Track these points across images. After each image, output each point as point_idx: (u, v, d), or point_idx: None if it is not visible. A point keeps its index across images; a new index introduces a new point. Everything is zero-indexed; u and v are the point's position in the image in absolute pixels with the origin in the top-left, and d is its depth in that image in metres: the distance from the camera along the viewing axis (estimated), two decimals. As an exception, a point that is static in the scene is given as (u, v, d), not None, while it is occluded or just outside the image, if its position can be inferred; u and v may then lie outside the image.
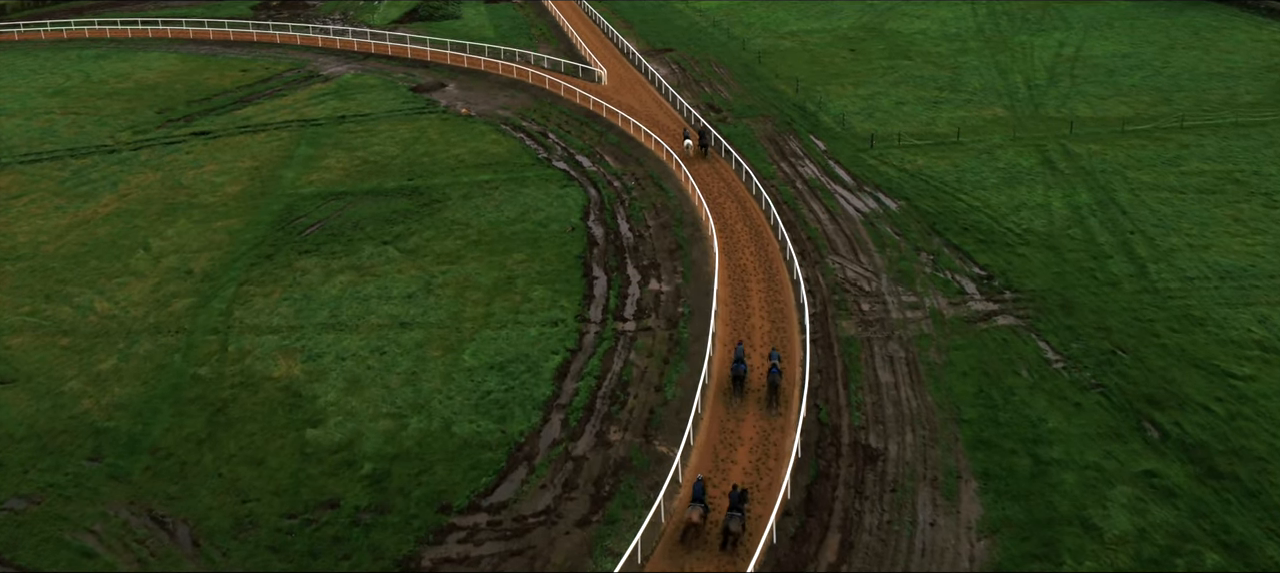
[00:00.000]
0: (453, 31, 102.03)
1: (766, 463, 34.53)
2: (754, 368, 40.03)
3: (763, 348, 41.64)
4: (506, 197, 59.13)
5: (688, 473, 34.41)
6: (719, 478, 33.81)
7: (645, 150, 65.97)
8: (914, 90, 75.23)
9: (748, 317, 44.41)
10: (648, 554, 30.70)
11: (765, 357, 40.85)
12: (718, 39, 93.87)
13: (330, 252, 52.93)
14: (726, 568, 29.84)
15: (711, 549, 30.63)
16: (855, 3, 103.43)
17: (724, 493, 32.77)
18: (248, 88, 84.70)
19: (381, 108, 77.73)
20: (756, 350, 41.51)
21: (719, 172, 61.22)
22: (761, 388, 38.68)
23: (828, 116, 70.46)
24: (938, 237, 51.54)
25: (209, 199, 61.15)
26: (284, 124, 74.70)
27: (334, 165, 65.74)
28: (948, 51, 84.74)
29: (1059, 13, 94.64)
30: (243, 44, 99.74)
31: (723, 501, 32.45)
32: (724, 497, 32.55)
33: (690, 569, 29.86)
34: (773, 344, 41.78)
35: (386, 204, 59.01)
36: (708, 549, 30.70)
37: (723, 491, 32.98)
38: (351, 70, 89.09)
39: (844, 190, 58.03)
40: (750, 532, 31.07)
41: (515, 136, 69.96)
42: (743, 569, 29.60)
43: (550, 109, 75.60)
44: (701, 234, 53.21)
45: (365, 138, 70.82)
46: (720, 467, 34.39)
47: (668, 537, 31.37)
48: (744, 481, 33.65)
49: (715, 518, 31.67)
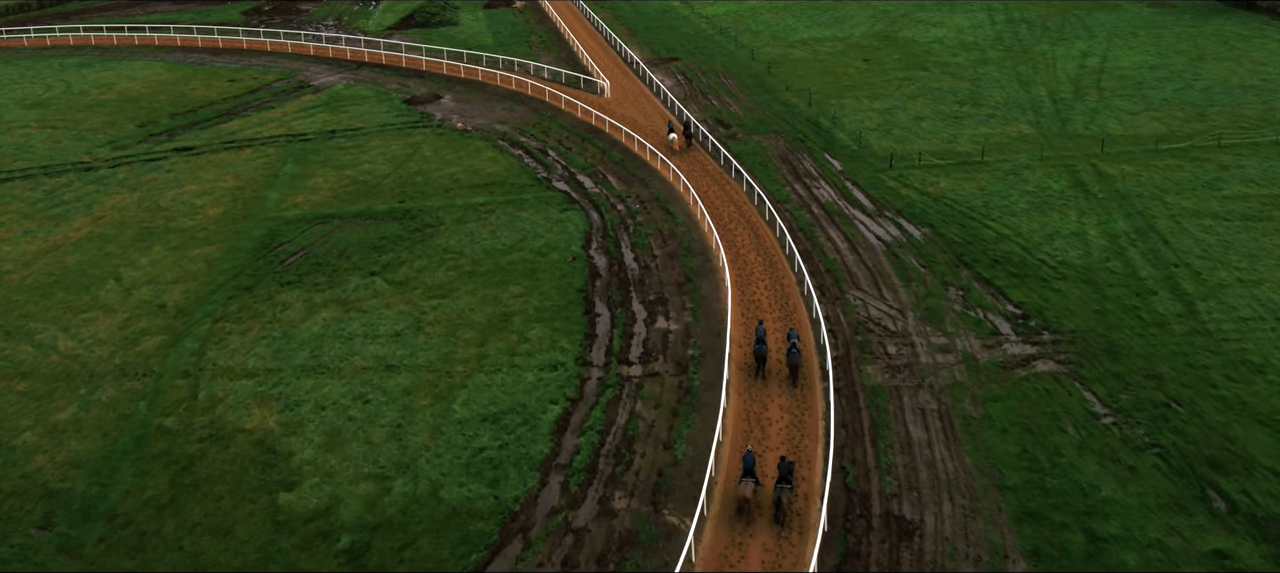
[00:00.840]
0: (450, 39, 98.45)
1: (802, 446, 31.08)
2: (774, 349, 41.49)
3: (779, 408, 38.09)
4: (503, 221, 55.53)
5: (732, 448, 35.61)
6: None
7: (650, 169, 62.36)
8: (933, 104, 71.58)
9: (762, 361, 40.74)
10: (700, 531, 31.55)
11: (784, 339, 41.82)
12: (725, 48, 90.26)
13: (314, 283, 49.37)
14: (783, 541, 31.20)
15: (765, 521, 31.88)
16: (867, 9, 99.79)
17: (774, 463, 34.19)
18: (235, 99, 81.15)
19: (373, 121, 74.17)
20: (759, 510, 37.97)
21: (729, 194, 57.60)
22: (782, 369, 40.05)
23: (843, 133, 66.82)
24: (966, 269, 47.90)
25: (187, 223, 57.59)
26: (271, 139, 71.15)
27: (321, 185, 62.16)
28: (966, 62, 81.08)
29: (1080, 20, 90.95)
30: (232, 52, 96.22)
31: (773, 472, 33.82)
32: (774, 468, 33.94)
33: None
34: (789, 413, 38.24)
35: (375, 229, 55.44)
36: (762, 522, 31.89)
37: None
38: (343, 80, 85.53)
39: (863, 215, 54.40)
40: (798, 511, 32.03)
41: (513, 153, 66.37)
42: (796, 542, 31.11)
43: (550, 123, 72.00)
44: (712, 264, 49.60)
45: (355, 154, 67.25)
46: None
47: (718, 514, 32.31)
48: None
49: (764, 492, 33.12)
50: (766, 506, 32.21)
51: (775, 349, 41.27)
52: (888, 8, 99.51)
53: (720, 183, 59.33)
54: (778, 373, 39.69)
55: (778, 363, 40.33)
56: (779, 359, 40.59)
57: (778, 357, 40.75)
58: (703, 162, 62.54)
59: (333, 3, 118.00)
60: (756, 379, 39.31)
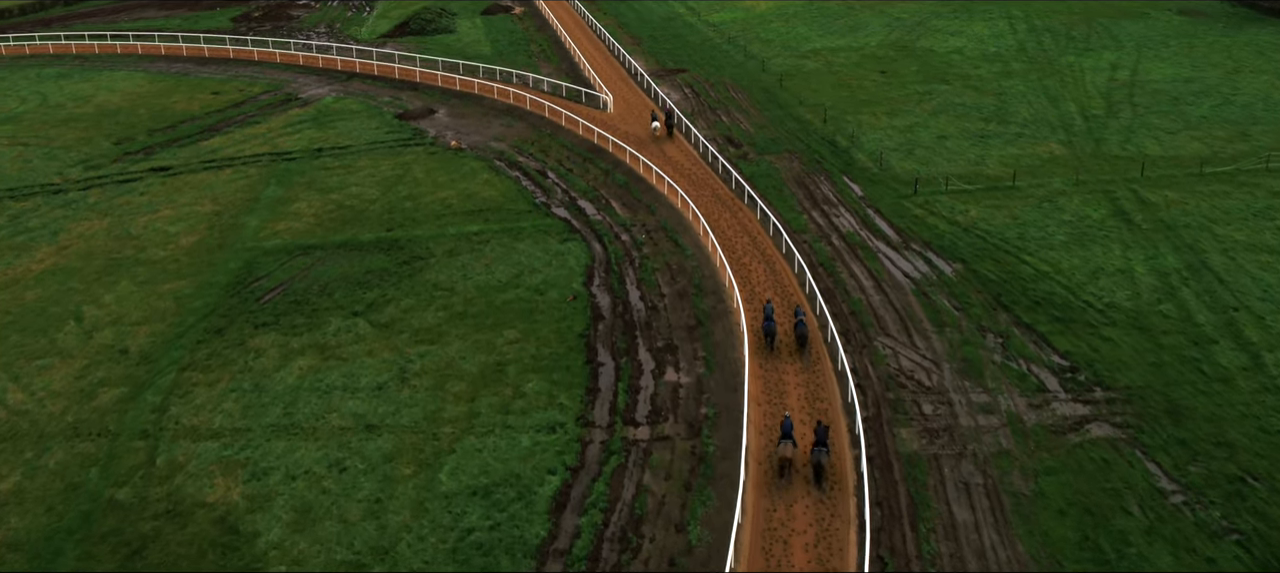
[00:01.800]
0: (445, 48, 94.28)
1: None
2: (782, 325, 42.99)
3: (804, 472, 34.00)
4: (498, 253, 51.39)
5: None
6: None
7: (657, 193, 58.20)
8: (957, 121, 67.36)
9: (786, 422, 36.64)
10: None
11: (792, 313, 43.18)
12: (734, 58, 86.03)
13: (291, 325, 45.25)
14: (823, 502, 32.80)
15: (805, 484, 33.51)
16: (881, 17, 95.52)
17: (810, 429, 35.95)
18: (218, 113, 77.02)
19: (363, 138, 70.02)
20: (798, 473, 33.85)
21: (742, 222, 53.42)
22: (790, 342, 41.70)
23: (862, 153, 62.61)
24: (1005, 311, 43.72)
25: (158, 253, 53.48)
26: (253, 158, 67.01)
27: (304, 210, 58.03)
28: (989, 74, 76.85)
29: (1106, 29, 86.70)
30: (218, 62, 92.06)
31: (809, 435, 35.71)
32: (811, 432, 35.77)
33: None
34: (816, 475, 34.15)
35: (361, 261, 51.32)
36: (801, 484, 33.60)
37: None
38: (333, 92, 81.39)
39: (888, 248, 50.22)
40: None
41: (510, 175, 62.22)
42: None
43: (550, 141, 67.84)
44: (725, 305, 45.44)
45: (342, 176, 63.10)
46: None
47: (758, 478, 33.89)
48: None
49: (801, 454, 34.76)
50: (805, 467, 34.15)
51: (783, 328, 42.91)
52: (903, 16, 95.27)
53: (732, 210, 55.16)
54: (787, 345, 41.76)
55: (786, 336, 42.36)
56: (787, 331, 42.63)
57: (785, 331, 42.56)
58: (714, 186, 58.39)
59: (325, 9, 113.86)
60: (768, 353, 41.14)
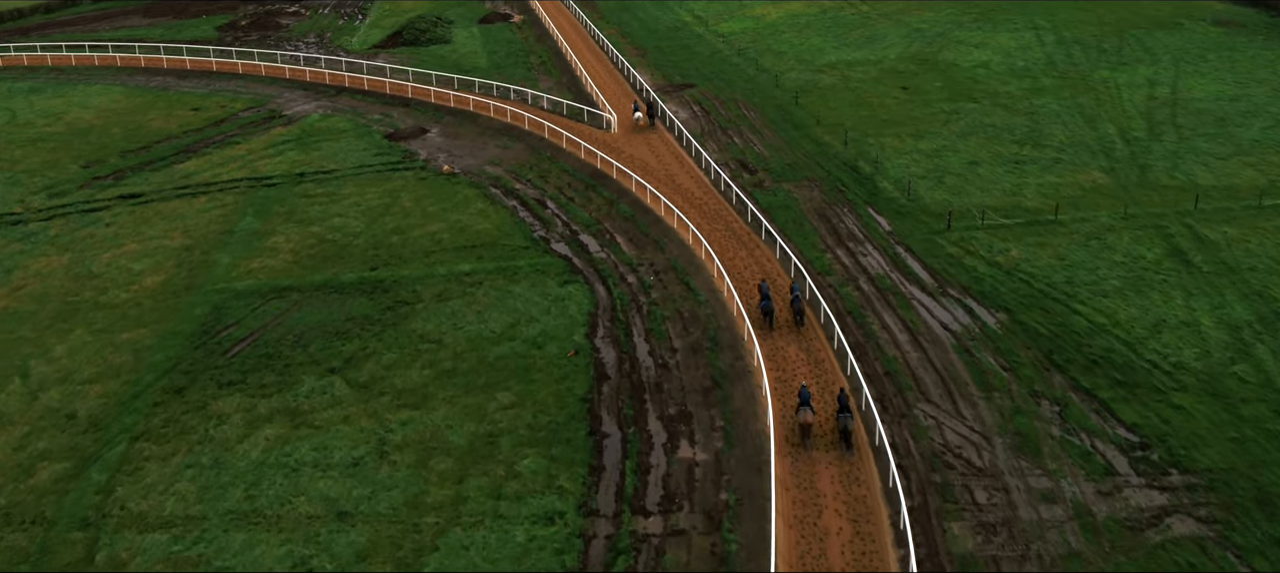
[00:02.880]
0: (441, 60, 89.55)
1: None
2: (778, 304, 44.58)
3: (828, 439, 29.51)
4: (492, 297, 46.65)
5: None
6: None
7: (665, 227, 53.43)
8: (988, 144, 62.53)
9: (818, 513, 31.91)
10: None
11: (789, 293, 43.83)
12: (745, 72, 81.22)
13: (259, 384, 40.54)
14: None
15: (832, 450, 34.93)
16: (899, 27, 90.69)
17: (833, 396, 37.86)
18: (197, 132, 72.32)
19: (349, 161, 65.29)
20: (832, 537, 29.20)
21: (759, 262, 48.66)
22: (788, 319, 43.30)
23: (887, 181, 57.80)
24: (1059, 372, 38.93)
25: (120, 295, 48.78)
26: (231, 183, 62.30)
27: (282, 245, 53.32)
28: (1019, 91, 72.01)
29: (1139, 41, 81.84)
30: (200, 75, 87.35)
31: (831, 403, 37.45)
32: (833, 400, 37.66)
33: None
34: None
35: (340, 306, 46.60)
36: (825, 450, 34.95)
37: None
38: (320, 109, 76.68)
39: (922, 293, 45.43)
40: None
41: (506, 204, 57.48)
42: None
43: (550, 165, 63.08)
44: (744, 363, 40.67)
45: (325, 204, 58.37)
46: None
47: (782, 444, 35.22)
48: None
49: (823, 421, 36.27)
50: (827, 434, 35.58)
51: (780, 305, 44.55)
52: (922, 26, 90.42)
53: (748, 247, 50.38)
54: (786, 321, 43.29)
55: (784, 315, 43.81)
56: (783, 309, 44.20)
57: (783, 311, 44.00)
58: (728, 218, 53.63)
59: (316, 16, 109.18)
60: (768, 331, 42.51)
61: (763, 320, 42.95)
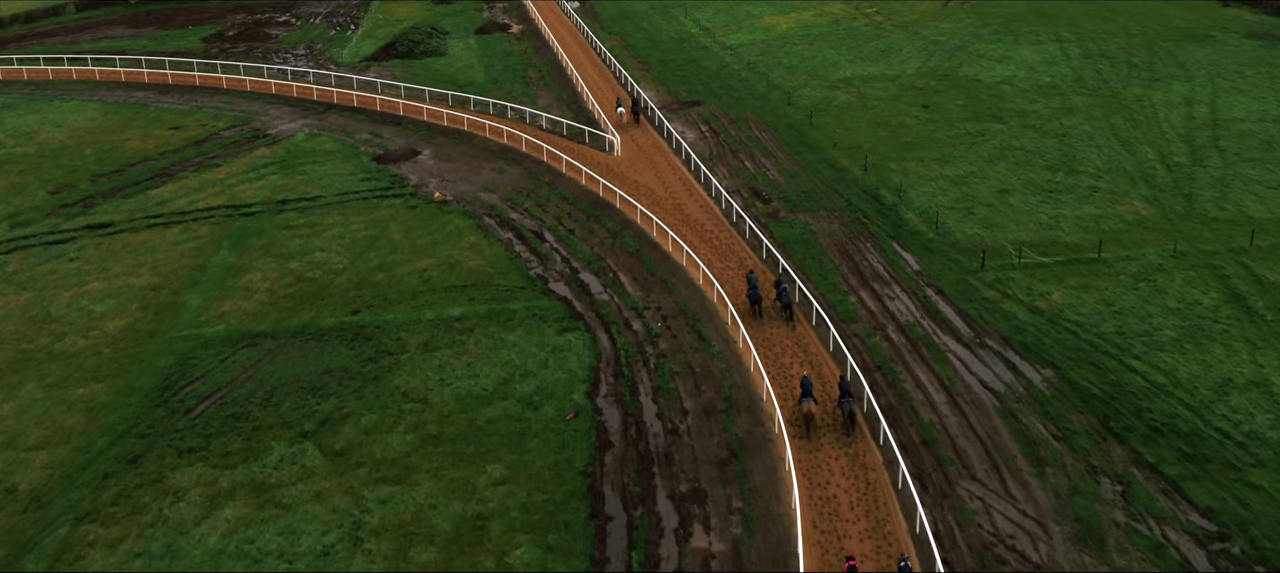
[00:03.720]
0: (435, 74, 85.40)
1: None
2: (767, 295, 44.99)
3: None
4: (484, 347, 42.47)
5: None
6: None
7: (673, 265, 49.24)
8: (1018, 170, 58.30)
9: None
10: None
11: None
12: (755, 88, 76.99)
13: (222, 451, 36.38)
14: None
15: (836, 435, 35.35)
16: (916, 40, 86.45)
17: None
18: (174, 153, 68.16)
19: (334, 187, 61.11)
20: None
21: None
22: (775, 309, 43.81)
23: (912, 212, 53.58)
24: (1117, 442, 34.74)
25: (78, 342, 44.62)
26: (207, 212, 58.13)
27: (258, 284, 49.17)
28: (1047, 111, 67.76)
29: (1171, 55, 77.59)
30: (183, 89, 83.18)
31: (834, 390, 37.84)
32: (835, 388, 38.08)
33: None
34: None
35: (318, 356, 42.43)
36: (830, 435, 35.32)
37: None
38: (306, 127, 72.53)
39: (958, 345, 41.22)
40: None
41: (501, 237, 53.30)
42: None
43: (548, 193, 58.89)
44: (764, 430, 36.45)
45: (306, 237, 54.20)
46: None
47: (787, 434, 35.03)
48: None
49: (826, 409, 36.71)
50: (829, 421, 36.15)
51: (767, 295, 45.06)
52: (940, 38, 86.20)
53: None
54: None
55: (770, 304, 44.47)
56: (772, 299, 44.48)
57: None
58: (741, 254, 49.44)
59: (306, 26, 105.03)
60: (756, 319, 43.32)
61: (751, 310, 43.97)
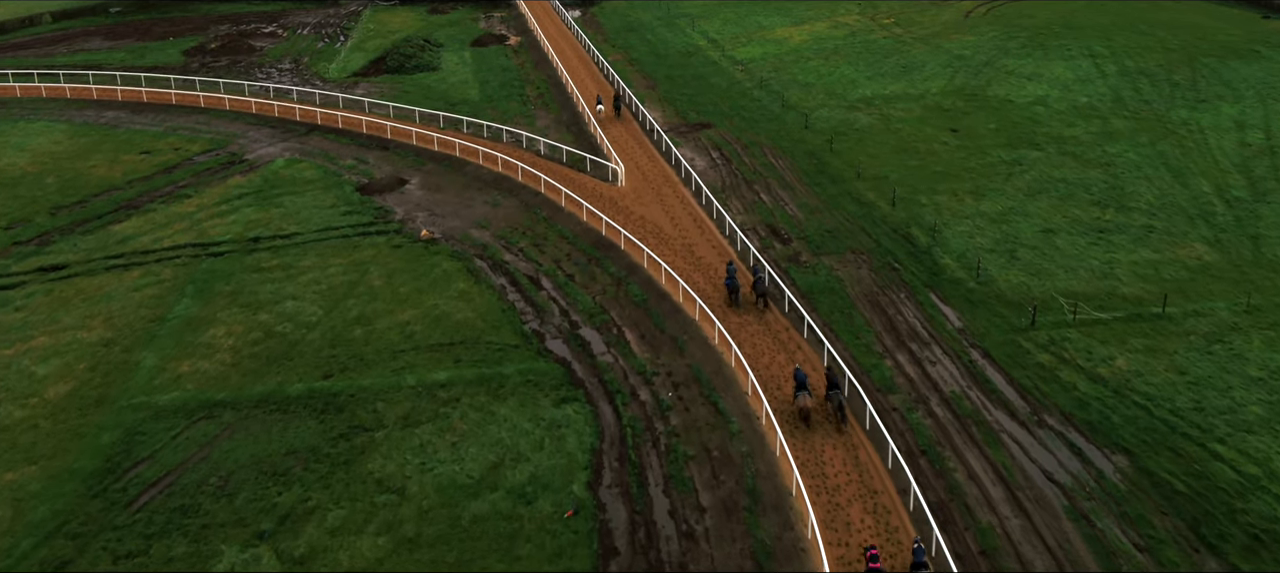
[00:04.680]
0: (427, 90, 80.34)
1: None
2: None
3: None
4: (471, 423, 37.34)
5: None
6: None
7: (685, 319, 44.11)
8: (1062, 205, 53.13)
9: None
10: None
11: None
12: (769, 109, 71.82)
13: (165, 557, 31.28)
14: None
15: (829, 426, 35.54)
16: (938, 54, 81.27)
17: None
18: (143, 181, 63.10)
19: (313, 222, 56.02)
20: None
21: (804, 370, 39.34)
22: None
23: (949, 255, 48.42)
24: (1212, 554, 29.58)
25: (14, 413, 39.50)
26: (172, 252, 53.06)
27: (221, 340, 44.07)
28: (1087, 136, 62.58)
29: (1214, 73, 72.41)
30: (158, 108, 78.12)
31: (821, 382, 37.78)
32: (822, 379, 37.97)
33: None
34: None
35: (282, 432, 37.34)
36: (824, 426, 35.53)
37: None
38: (287, 152, 67.45)
39: (1013, 421, 36.07)
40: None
41: (494, 283, 48.20)
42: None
43: (546, 230, 53.78)
44: (794, 534, 31.30)
45: (279, 282, 49.10)
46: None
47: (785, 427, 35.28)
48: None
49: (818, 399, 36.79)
50: (825, 412, 35.72)
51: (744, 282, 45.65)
52: (964, 53, 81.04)
53: (787, 348, 41.05)
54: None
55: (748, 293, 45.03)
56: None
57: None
58: (767, 325, 44.27)
59: (293, 38, 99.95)
60: (733, 307, 44.12)
61: (728, 299, 44.55)
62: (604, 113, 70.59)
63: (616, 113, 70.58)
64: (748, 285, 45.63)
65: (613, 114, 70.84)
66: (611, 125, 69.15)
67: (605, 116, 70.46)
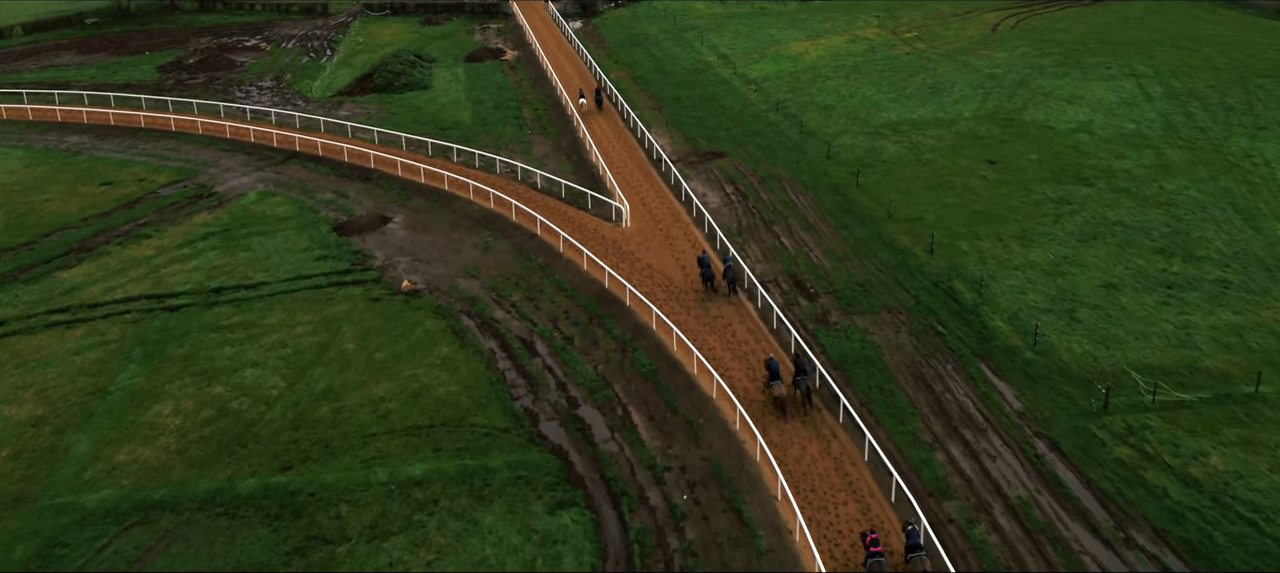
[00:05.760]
0: (415, 111, 74.64)
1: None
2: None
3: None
4: (449, 536, 31.60)
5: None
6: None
7: (700, 395, 38.32)
8: (1121, 254, 47.32)
9: None
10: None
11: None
12: (787, 135, 65.97)
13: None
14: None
15: (798, 410, 36.21)
16: (969, 74, 75.39)
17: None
18: (101, 219, 57.44)
19: (283, 269, 50.32)
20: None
21: (842, 468, 33.50)
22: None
23: (999, 316, 42.60)
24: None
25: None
26: (123, 305, 47.39)
27: (167, 419, 38.36)
28: (1140, 170, 56.74)
29: (1271, 94, 66.57)
30: (125, 132, 72.44)
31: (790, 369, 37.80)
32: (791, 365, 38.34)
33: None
34: None
35: (227, 544, 31.64)
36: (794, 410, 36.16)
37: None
38: (260, 183, 61.76)
39: (1095, 539, 30.26)
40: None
41: (482, 347, 42.47)
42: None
43: (542, 281, 48.06)
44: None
45: (239, 345, 43.38)
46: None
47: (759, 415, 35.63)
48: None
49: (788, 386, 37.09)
50: (797, 398, 36.47)
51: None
52: (996, 71, 75.17)
53: (822, 437, 35.28)
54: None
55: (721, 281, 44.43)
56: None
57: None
58: (788, 380, 38.51)
59: (277, 53, 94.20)
60: (707, 293, 44.50)
61: (704, 287, 45.04)
62: (585, 106, 70.74)
63: (598, 106, 71.05)
64: (721, 273, 45.62)
65: (593, 108, 71.15)
66: (614, 152, 63.42)
67: (587, 110, 70.50)
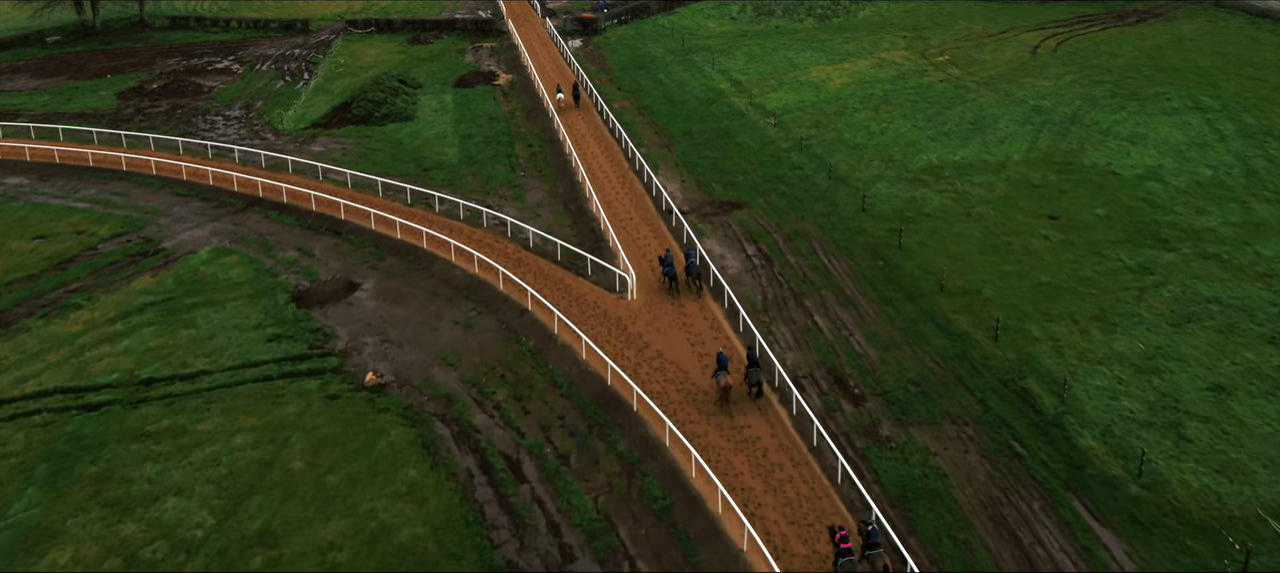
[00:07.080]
0: (396, 147, 67.05)
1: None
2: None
3: None
4: None
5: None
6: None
7: (727, 544, 30.67)
8: (1224, 343, 39.62)
9: None
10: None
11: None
12: (813, 181, 58.12)
13: None
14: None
15: (745, 401, 36.28)
16: (1013, 106, 67.65)
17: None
18: (26, 284, 49.92)
19: (228, 353, 42.73)
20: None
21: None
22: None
23: (1088, 432, 34.88)
24: None
25: None
26: (33, 402, 39.79)
27: (65, 569, 30.76)
28: (1227, 228, 49.06)
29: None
30: (71, 172, 64.85)
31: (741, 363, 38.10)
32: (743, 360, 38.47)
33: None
34: None
35: None
36: (741, 402, 36.14)
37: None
38: (215, 237, 54.16)
39: None
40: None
41: (458, 466, 34.84)
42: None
43: (533, 372, 40.41)
44: None
45: (165, 462, 35.77)
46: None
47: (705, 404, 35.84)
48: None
49: (737, 379, 37.49)
50: (742, 390, 36.92)
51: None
52: (1042, 103, 67.44)
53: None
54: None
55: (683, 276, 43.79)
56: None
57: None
58: (831, 514, 30.81)
59: (248, 76, 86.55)
60: (671, 292, 44.30)
61: (667, 286, 44.69)
62: (563, 102, 70.10)
63: (575, 101, 70.62)
64: (682, 268, 45.47)
65: (571, 103, 70.67)
66: (617, 199, 55.76)
67: (564, 105, 69.88)
